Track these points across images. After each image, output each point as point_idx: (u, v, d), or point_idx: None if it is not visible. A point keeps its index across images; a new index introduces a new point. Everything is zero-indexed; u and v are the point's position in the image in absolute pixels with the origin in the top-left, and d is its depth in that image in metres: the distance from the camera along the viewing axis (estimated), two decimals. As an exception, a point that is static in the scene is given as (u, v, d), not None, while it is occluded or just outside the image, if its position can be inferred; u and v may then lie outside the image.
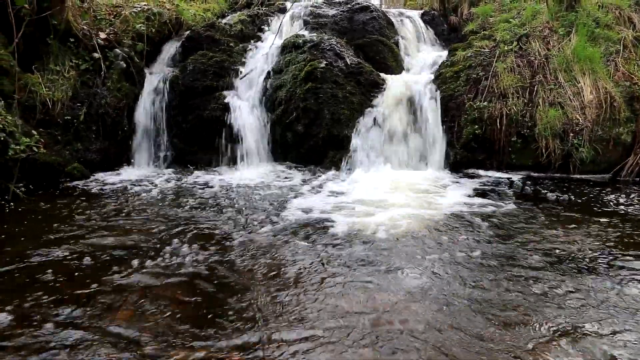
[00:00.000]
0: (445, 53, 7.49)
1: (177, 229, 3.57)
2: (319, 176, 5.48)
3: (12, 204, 4.26)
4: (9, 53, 5.17)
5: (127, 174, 5.65)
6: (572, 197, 4.61)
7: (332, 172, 5.64)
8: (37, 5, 5.36)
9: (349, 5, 8.38)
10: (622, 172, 5.51)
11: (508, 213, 4.02)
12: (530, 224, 3.75)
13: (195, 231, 3.53)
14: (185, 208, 4.14)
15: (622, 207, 4.28)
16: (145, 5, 7.04)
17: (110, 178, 5.41)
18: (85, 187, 4.96)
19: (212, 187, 5.00)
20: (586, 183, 5.24)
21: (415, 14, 9.27)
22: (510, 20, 7.24)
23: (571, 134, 5.45)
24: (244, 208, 4.14)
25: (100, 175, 5.48)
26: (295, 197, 4.52)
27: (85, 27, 5.97)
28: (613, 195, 4.67)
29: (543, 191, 4.82)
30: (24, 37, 5.29)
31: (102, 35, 6.13)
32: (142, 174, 5.66)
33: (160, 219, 3.82)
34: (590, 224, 3.76)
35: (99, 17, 6.38)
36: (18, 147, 4.55)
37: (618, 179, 5.47)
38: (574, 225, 3.73)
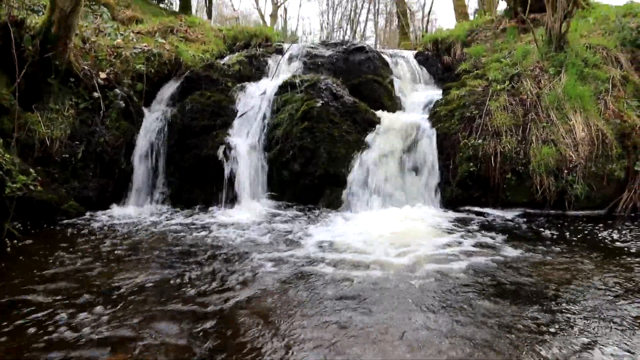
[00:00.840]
0: (439, 92, 7.65)
1: (161, 275, 3.47)
2: (314, 216, 5.45)
3: (7, 241, 4.23)
4: (11, 92, 5.25)
5: (123, 212, 5.64)
6: (568, 234, 4.61)
7: (327, 211, 5.64)
8: (41, 47, 5.50)
9: (344, 47, 8.61)
10: (617, 207, 5.54)
11: (504, 256, 3.93)
12: (527, 267, 3.68)
13: (175, 279, 3.38)
14: (173, 253, 4.02)
15: (618, 243, 4.28)
16: (145, 46, 7.21)
17: (105, 216, 5.39)
18: (80, 226, 4.94)
19: (204, 228, 4.91)
20: (582, 219, 5.25)
21: (410, 55, 9.52)
22: (502, 60, 7.42)
23: (565, 171, 5.50)
24: (229, 254, 4.00)
25: (96, 213, 5.47)
26: (286, 241, 4.41)
27: (86, 67, 6.10)
28: (609, 232, 4.67)
29: (539, 229, 4.82)
30: (26, 77, 5.39)
31: (102, 75, 6.26)
32: (138, 212, 5.65)
33: (147, 264, 3.73)
34: (587, 265, 3.73)
35: (100, 58, 6.51)
36: (15, 185, 4.55)
37: (613, 214, 5.49)
38: (569, 267, 3.69)
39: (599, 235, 4.58)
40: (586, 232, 4.71)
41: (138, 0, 15.90)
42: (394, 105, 7.63)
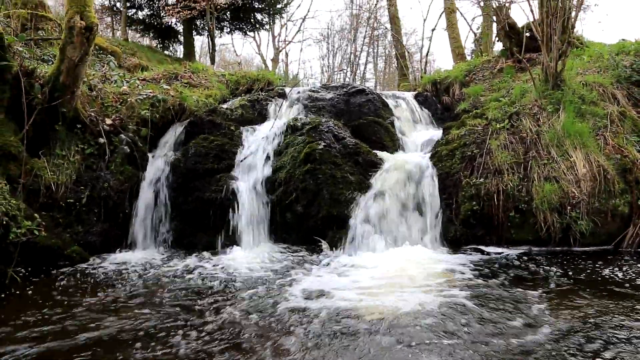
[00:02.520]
0: (439, 132, 7.74)
1: (160, 324, 3.38)
2: (316, 259, 5.38)
3: (8, 289, 4.21)
4: (19, 139, 5.35)
5: (125, 257, 5.61)
6: (573, 272, 4.56)
7: (331, 254, 5.58)
8: (49, 95, 5.64)
9: (345, 89, 8.78)
10: (623, 243, 5.49)
11: (513, 301, 3.81)
12: (536, 312, 3.59)
13: (176, 329, 3.30)
14: (173, 300, 3.91)
15: (629, 283, 4.20)
16: (150, 92, 7.38)
17: (107, 261, 5.36)
18: (82, 271, 4.91)
19: (205, 273, 4.83)
20: (588, 256, 5.19)
21: (409, 95, 9.69)
22: (500, 99, 7.54)
23: (568, 207, 5.49)
24: (227, 302, 3.89)
25: (99, 259, 5.45)
26: (285, 287, 4.27)
27: (92, 114, 6.22)
28: (615, 269, 4.60)
29: (545, 267, 4.76)
30: (34, 124, 5.50)
31: (108, 121, 6.38)
32: (140, 257, 5.62)
33: (144, 312, 3.63)
34: (593, 304, 3.66)
35: (106, 104, 6.67)
36: (19, 230, 4.58)
37: (620, 250, 5.44)
38: (577, 309, 3.62)
39: (605, 273, 4.52)
40: (592, 269, 4.65)
41: (144, 48, 16.42)
42: (395, 145, 7.71)
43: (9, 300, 3.96)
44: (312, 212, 6.06)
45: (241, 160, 6.75)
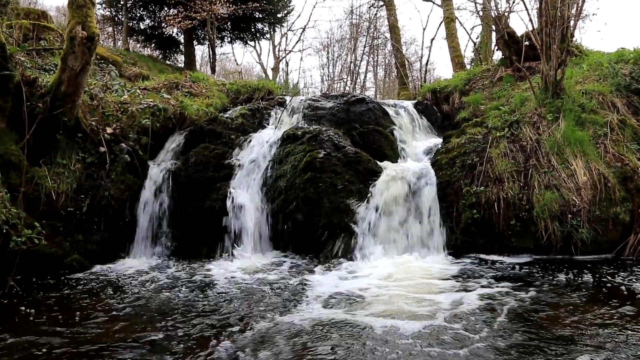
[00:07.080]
0: (439, 140, 7.75)
1: (160, 333, 3.40)
2: (318, 268, 5.34)
3: (7, 298, 4.20)
4: (20, 148, 5.36)
5: (125, 265, 5.62)
6: (575, 280, 4.54)
7: (329, 263, 5.54)
8: (50, 104, 5.66)
9: (345, 98, 8.79)
10: (624, 251, 5.48)
11: (510, 309, 3.81)
12: (532, 319, 3.60)
13: (173, 341, 3.27)
14: (172, 309, 3.89)
15: (629, 292, 4.19)
16: (151, 101, 7.39)
17: (107, 270, 5.36)
18: (82, 280, 4.90)
19: (204, 282, 4.80)
20: (589, 264, 5.17)
21: (409, 104, 9.70)
22: (500, 107, 7.55)
23: (569, 215, 5.48)
24: (221, 313, 3.80)
25: (98, 267, 5.44)
26: (287, 298, 4.23)
27: (93, 123, 6.24)
28: (617, 277, 4.58)
29: (546, 276, 4.74)
30: (35, 133, 5.51)
31: (109, 130, 6.39)
32: (140, 266, 5.61)
33: (143, 322, 3.62)
34: (596, 314, 3.64)
35: (106, 114, 6.68)
36: (19, 239, 4.57)
37: (622, 257, 5.43)
38: (579, 316, 3.61)
39: (607, 281, 4.49)
40: (594, 278, 4.62)
41: (145, 57, 16.49)
42: (395, 154, 7.71)
43: (8, 310, 3.94)
44: (313, 221, 6.05)
45: (241, 168, 6.75)
